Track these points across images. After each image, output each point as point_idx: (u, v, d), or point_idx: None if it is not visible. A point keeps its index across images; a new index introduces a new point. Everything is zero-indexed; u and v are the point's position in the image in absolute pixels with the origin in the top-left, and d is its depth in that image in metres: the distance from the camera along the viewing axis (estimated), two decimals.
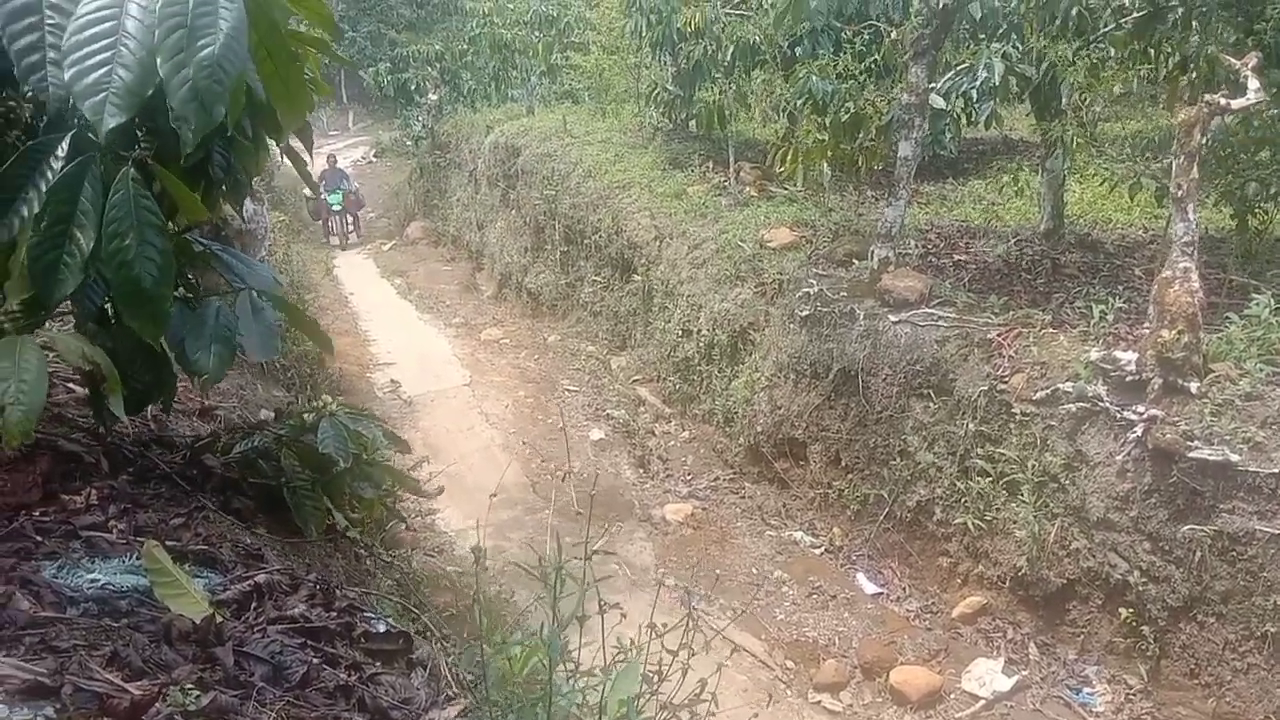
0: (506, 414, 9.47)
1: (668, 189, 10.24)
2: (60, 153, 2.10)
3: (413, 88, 20.47)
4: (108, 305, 2.43)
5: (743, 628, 5.95)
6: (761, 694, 5.39)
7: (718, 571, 6.65)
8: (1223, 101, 5.04)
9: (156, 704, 1.58)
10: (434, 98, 18.49)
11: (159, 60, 1.84)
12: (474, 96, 18.21)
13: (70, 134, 2.10)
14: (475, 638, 1.90)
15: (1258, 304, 5.24)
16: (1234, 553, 4.70)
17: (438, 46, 20.40)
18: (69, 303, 2.35)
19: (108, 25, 1.86)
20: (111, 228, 2.05)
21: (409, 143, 21.02)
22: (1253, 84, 5.12)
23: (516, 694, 1.83)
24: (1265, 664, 4.63)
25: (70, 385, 3.25)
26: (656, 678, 1.90)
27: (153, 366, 2.55)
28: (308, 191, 18.35)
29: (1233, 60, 5.40)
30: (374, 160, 23.89)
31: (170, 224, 2.35)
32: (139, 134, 2.27)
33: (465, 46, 18.98)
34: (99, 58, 1.84)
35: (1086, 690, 5.31)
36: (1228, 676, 4.79)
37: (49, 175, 2.09)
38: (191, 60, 1.83)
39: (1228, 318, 5.34)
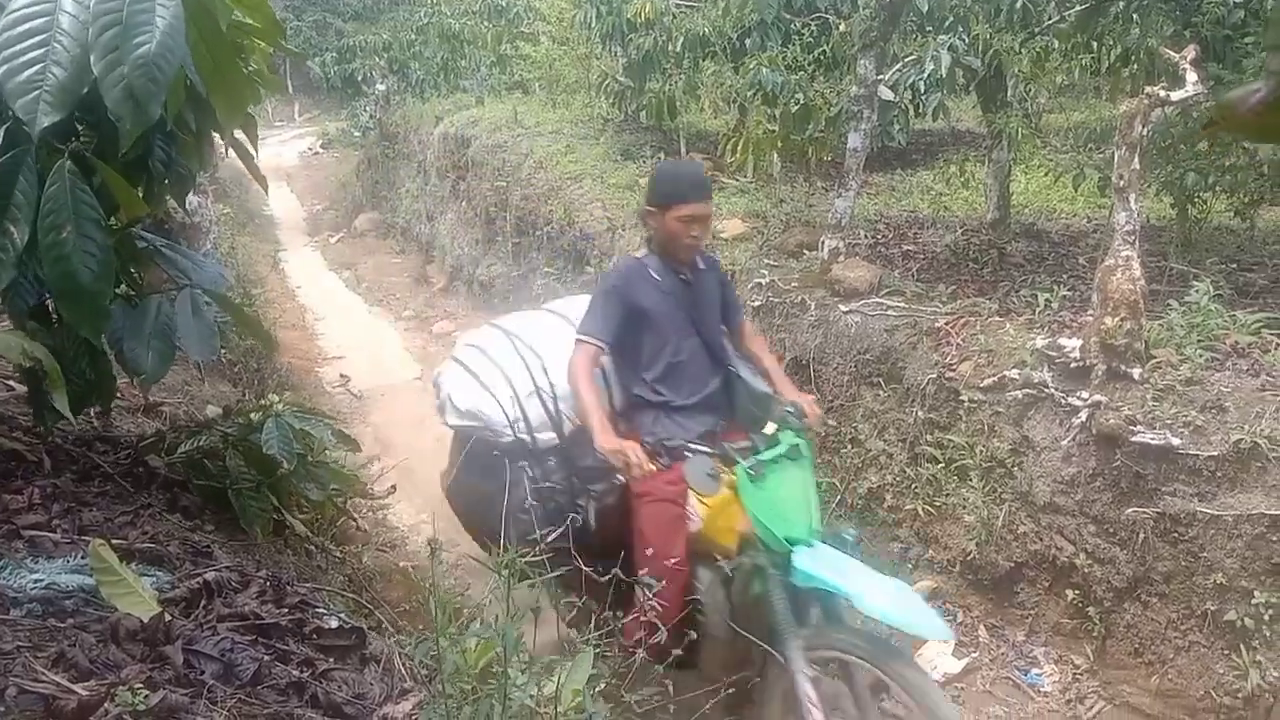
0: None
1: (619, 180, 10.22)
2: None
3: (360, 78, 20.25)
4: (49, 302, 2.39)
5: None
6: None
7: None
8: (1162, 94, 5.13)
9: (105, 704, 1.56)
10: (382, 88, 18.28)
11: (93, 57, 1.80)
12: (423, 87, 18.01)
13: (4, 127, 2.05)
14: (430, 632, 1.90)
15: (1197, 291, 5.35)
16: (1175, 534, 4.81)
17: (385, 36, 20.17)
18: (6, 300, 2.31)
19: (41, 21, 1.83)
20: (48, 220, 2.01)
21: (356, 134, 20.77)
22: (1191, 77, 5.22)
23: (471, 686, 1.83)
24: (1205, 641, 4.75)
25: (9, 383, 3.19)
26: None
27: (94, 365, 2.51)
28: None
29: (1171, 53, 5.51)
30: (320, 152, 23.56)
31: (112, 219, 2.31)
32: (78, 127, 2.23)
33: (413, 36, 18.77)
34: (32, 55, 1.81)
35: (1035, 671, 5.41)
36: (1170, 654, 4.90)
37: None
38: (127, 58, 1.80)
39: (1169, 305, 5.45)
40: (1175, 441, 4.79)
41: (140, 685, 1.64)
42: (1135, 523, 4.94)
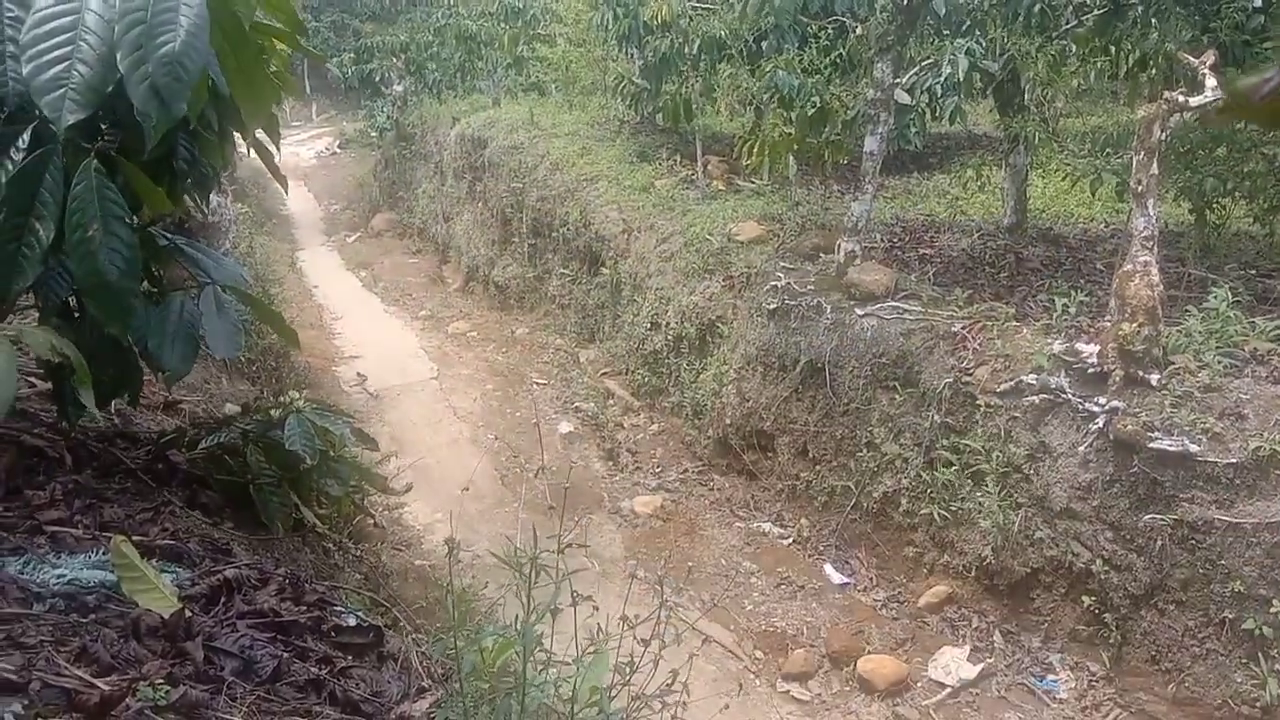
0: (474, 407, 9.45)
1: (635, 182, 10.24)
2: (21, 144, 2.07)
3: (377, 78, 20.29)
4: (72, 299, 2.41)
5: (712, 618, 5.98)
6: (731, 683, 5.42)
7: (689, 563, 6.67)
8: (1181, 99, 5.11)
9: (126, 699, 1.57)
10: (399, 89, 18.34)
11: (119, 56, 1.82)
12: (440, 88, 18.08)
13: (31, 125, 2.07)
14: (447, 630, 1.90)
15: (1216, 297, 5.33)
16: (1193, 541, 4.79)
17: (403, 37, 20.20)
18: (32, 296, 2.32)
19: (67, 20, 1.84)
20: (75, 218, 2.03)
21: (373, 134, 20.86)
22: (1210, 82, 5.20)
23: (489, 685, 1.83)
24: (1223, 649, 4.72)
25: (32, 380, 3.21)
26: (628, 668, 1.91)
27: (118, 360, 2.52)
28: None
29: (1190, 58, 5.48)
30: (338, 152, 23.67)
31: (134, 218, 2.32)
32: (102, 127, 2.24)
33: (431, 37, 18.84)
34: (58, 53, 1.82)
35: (1050, 677, 5.39)
36: (1187, 662, 4.88)
37: (9, 167, 2.06)
38: (152, 56, 1.81)
39: (1187, 311, 5.43)
40: (1193, 448, 4.77)
41: (161, 681, 1.65)
42: (1152, 530, 4.92)
